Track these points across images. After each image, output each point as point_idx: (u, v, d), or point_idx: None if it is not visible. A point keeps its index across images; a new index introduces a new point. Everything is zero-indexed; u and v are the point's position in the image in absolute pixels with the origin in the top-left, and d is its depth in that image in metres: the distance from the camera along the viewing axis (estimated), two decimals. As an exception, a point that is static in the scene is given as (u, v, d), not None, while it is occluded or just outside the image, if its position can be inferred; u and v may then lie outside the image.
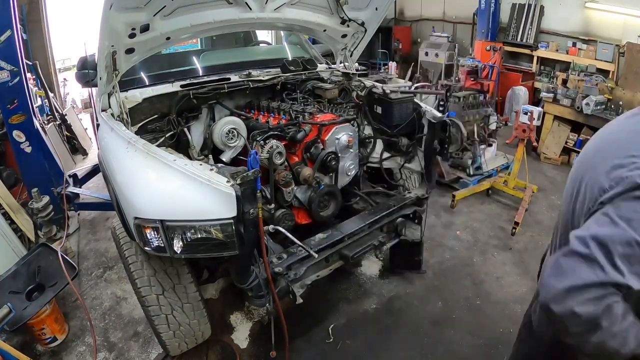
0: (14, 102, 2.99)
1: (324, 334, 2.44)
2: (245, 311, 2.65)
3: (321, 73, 2.89)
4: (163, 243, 1.51)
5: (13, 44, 2.84)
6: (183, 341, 2.03)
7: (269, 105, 2.42)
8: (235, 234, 1.49)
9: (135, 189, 1.56)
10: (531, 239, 3.46)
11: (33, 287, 2.25)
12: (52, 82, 6.48)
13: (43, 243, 2.54)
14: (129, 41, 2.01)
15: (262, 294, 1.77)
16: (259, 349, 2.37)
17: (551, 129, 5.14)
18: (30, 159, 3.23)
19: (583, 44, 5.73)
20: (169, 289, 1.87)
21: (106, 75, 2.05)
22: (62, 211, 3.35)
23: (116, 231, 2.02)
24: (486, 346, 2.36)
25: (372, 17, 2.71)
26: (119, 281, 2.96)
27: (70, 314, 2.66)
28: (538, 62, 6.47)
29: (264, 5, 2.32)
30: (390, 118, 2.47)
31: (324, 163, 2.17)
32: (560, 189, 4.36)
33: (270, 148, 1.97)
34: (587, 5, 5.64)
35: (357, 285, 2.86)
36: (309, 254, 1.90)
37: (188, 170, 1.51)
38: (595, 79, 4.95)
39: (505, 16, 6.83)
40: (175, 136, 2.20)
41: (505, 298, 2.75)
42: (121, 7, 1.79)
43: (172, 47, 3.18)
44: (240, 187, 1.46)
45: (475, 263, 3.13)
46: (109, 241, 3.41)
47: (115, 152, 1.77)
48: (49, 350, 2.38)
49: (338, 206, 2.31)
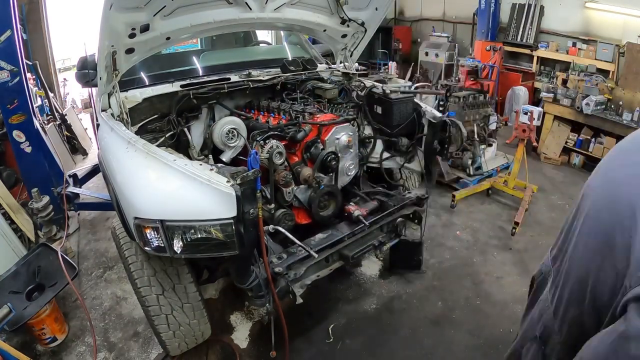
0: (14, 102, 2.99)
1: (324, 334, 2.44)
2: (245, 311, 2.65)
3: (321, 73, 2.89)
4: (163, 243, 1.51)
5: (13, 44, 2.84)
6: (183, 341, 2.03)
7: (269, 105, 2.42)
8: (235, 234, 1.49)
9: (135, 189, 1.56)
10: (531, 239, 3.46)
11: (33, 287, 2.26)
12: (52, 82, 6.47)
13: (43, 243, 2.55)
14: (129, 41, 2.01)
15: (262, 294, 1.77)
16: (259, 349, 2.37)
17: (551, 129, 5.14)
18: (30, 159, 3.23)
19: (583, 44, 5.73)
20: (169, 289, 1.87)
21: (106, 75, 2.05)
22: (62, 211, 3.35)
23: (116, 231, 2.02)
24: (486, 346, 2.36)
25: (372, 17, 2.71)
26: (119, 281, 2.96)
27: (70, 314, 2.66)
28: (538, 62, 6.47)
29: (264, 5, 2.32)
30: (390, 118, 2.46)
31: (324, 163, 2.17)
32: (560, 189, 4.39)
33: (270, 148, 1.97)
34: (587, 5, 5.64)
35: (357, 285, 2.86)
36: (309, 254, 1.90)
37: (188, 170, 1.51)
38: (595, 79, 4.95)
39: (505, 16, 6.83)
40: (175, 136, 2.20)
41: (505, 298, 2.74)
42: (121, 7, 1.79)
43: (172, 47, 3.18)
44: (240, 187, 1.46)
45: (475, 263, 3.13)
46: (109, 241, 3.41)
47: (115, 152, 1.77)
48: (49, 350, 2.38)
49: (338, 206, 2.31)
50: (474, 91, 4.57)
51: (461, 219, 3.75)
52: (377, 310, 2.63)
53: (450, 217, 3.78)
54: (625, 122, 4.32)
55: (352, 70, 2.96)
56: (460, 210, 3.91)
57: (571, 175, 4.82)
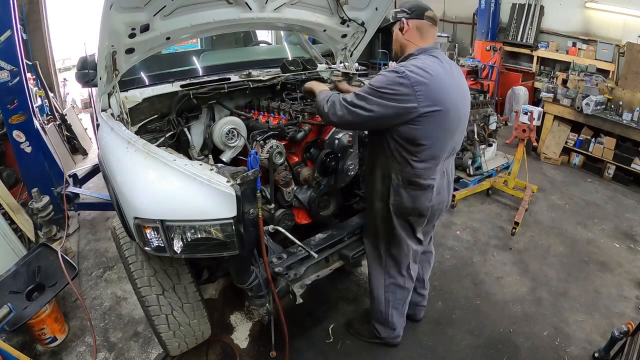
0: (14, 102, 2.99)
1: (324, 334, 2.44)
2: (245, 311, 2.65)
3: (321, 73, 2.89)
4: (163, 243, 1.51)
5: (13, 44, 2.84)
6: (183, 341, 2.03)
7: (269, 105, 2.42)
8: (235, 234, 1.48)
9: (135, 189, 1.56)
10: (531, 239, 3.46)
11: (33, 287, 2.26)
12: (52, 82, 6.47)
13: (43, 243, 2.55)
14: (129, 41, 2.00)
15: (262, 294, 1.77)
16: (259, 349, 2.37)
17: (551, 129, 5.14)
18: (30, 159, 3.23)
19: (583, 44, 5.73)
20: (169, 289, 1.87)
21: (106, 75, 2.05)
22: (62, 211, 3.35)
23: (116, 231, 2.01)
24: (486, 346, 2.36)
25: (372, 17, 2.70)
26: (119, 281, 2.96)
27: (70, 314, 2.66)
28: (538, 62, 6.48)
29: (264, 5, 2.32)
30: (390, 118, 2.46)
31: (324, 163, 2.17)
32: (560, 189, 4.39)
33: (270, 148, 1.97)
34: (587, 5, 5.64)
35: (357, 285, 2.86)
36: (309, 254, 1.90)
37: (188, 170, 1.51)
38: (595, 79, 4.95)
39: (505, 16, 6.83)
40: (175, 136, 2.19)
41: (505, 298, 2.75)
42: (121, 7, 1.78)
43: (172, 47, 3.18)
44: (240, 187, 1.46)
45: (475, 263, 3.13)
46: (109, 241, 3.41)
47: (115, 152, 1.76)
48: (49, 350, 2.38)
49: (338, 206, 2.31)
50: (474, 91, 4.58)
51: (461, 219, 3.75)
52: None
53: (450, 217, 3.79)
54: (625, 122, 4.32)
55: (352, 70, 2.96)
56: (460, 210, 3.91)
57: (571, 175, 4.82)
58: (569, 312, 2.63)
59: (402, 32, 1.76)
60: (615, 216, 3.87)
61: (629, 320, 2.06)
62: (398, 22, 1.77)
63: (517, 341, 2.39)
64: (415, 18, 1.73)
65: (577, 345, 2.37)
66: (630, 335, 1.96)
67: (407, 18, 1.74)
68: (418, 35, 1.74)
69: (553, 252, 3.29)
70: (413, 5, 1.75)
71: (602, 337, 2.40)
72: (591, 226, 3.69)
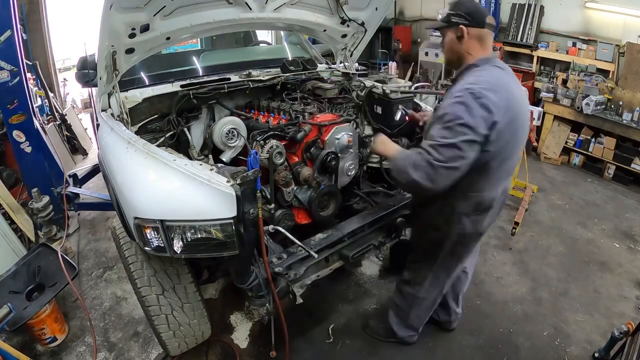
0: (14, 102, 2.99)
1: (324, 334, 2.44)
2: (245, 311, 2.65)
3: (321, 73, 2.89)
4: (163, 243, 1.51)
5: (13, 44, 2.84)
6: (183, 341, 2.03)
7: (269, 105, 2.42)
8: (235, 234, 1.48)
9: (135, 189, 1.56)
10: (531, 239, 3.46)
11: (33, 287, 2.26)
12: (52, 82, 6.47)
13: (43, 243, 2.55)
14: (129, 41, 2.00)
15: (262, 294, 1.77)
16: (259, 349, 2.37)
17: (551, 129, 5.14)
18: (30, 159, 3.23)
19: (583, 44, 5.72)
20: (169, 289, 1.87)
21: (106, 75, 2.05)
22: (62, 211, 3.35)
23: (116, 231, 2.01)
24: (486, 346, 2.36)
25: (372, 17, 2.71)
26: (119, 281, 2.96)
27: (70, 314, 2.66)
28: (538, 62, 6.46)
29: (264, 5, 2.32)
30: (390, 118, 2.46)
31: (324, 163, 2.17)
32: (560, 189, 4.39)
33: (270, 148, 1.97)
34: (587, 5, 5.63)
35: (357, 285, 2.86)
36: (309, 254, 1.89)
37: (188, 170, 1.51)
38: (595, 79, 4.95)
39: (505, 16, 6.82)
40: (175, 136, 2.20)
41: (505, 298, 2.75)
42: (121, 7, 1.79)
43: (172, 47, 3.18)
44: (240, 187, 1.46)
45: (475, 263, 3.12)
46: (109, 241, 3.41)
47: (115, 152, 1.77)
48: (49, 350, 2.38)
49: (338, 206, 2.31)
50: (474, 91, 4.56)
51: (461, 219, 3.75)
52: (377, 311, 2.63)
53: (450, 217, 3.78)
54: (625, 122, 4.32)
55: (352, 70, 2.96)
56: (460, 210, 3.90)
57: (571, 175, 4.82)
58: (569, 312, 2.63)
59: (459, 41, 1.55)
60: (615, 216, 3.87)
61: (629, 320, 2.06)
62: (453, 28, 1.56)
63: (517, 341, 2.39)
64: (476, 26, 1.52)
65: (577, 345, 2.37)
66: (630, 335, 1.96)
67: (467, 26, 1.52)
68: (479, 45, 1.54)
69: (553, 252, 3.29)
70: (472, 11, 1.52)
71: (602, 337, 2.40)
72: (591, 226, 3.69)
